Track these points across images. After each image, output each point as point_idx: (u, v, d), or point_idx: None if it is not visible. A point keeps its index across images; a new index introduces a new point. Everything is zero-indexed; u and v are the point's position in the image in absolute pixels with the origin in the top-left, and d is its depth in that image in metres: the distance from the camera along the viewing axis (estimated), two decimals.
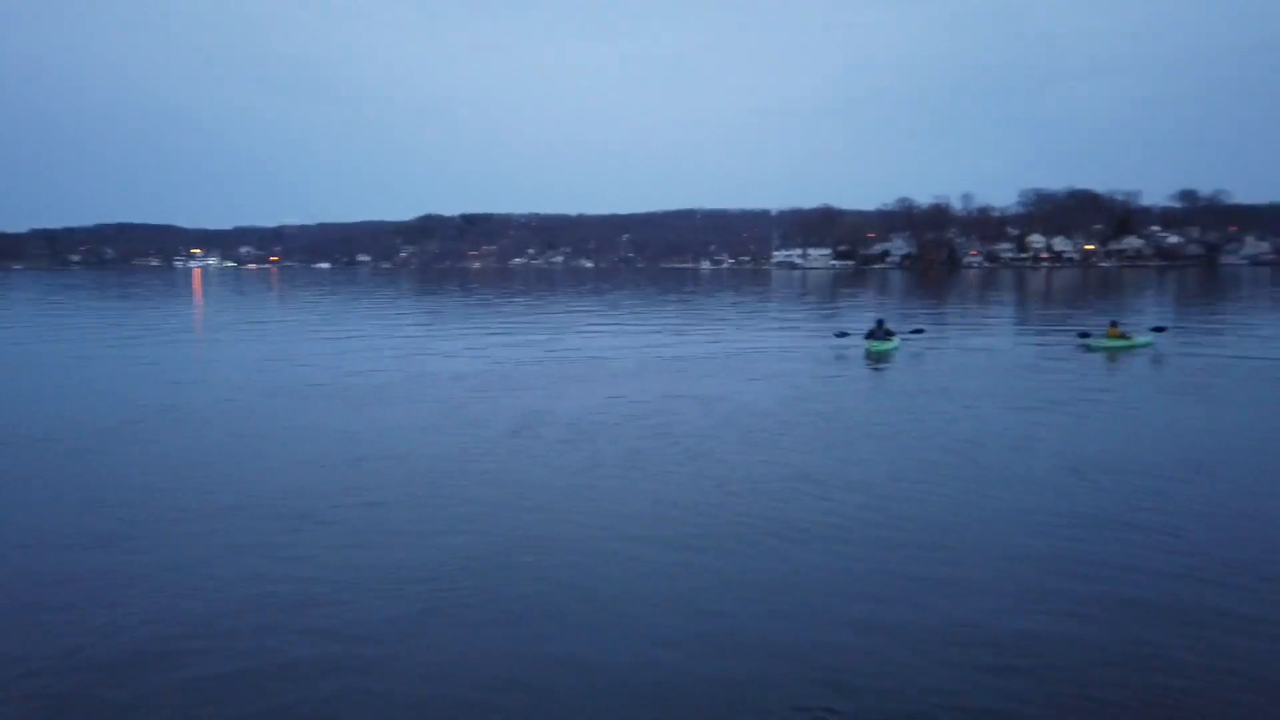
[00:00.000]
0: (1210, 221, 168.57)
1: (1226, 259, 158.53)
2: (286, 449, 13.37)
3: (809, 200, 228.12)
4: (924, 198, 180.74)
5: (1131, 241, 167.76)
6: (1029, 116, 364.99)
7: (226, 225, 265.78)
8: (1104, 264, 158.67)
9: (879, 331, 26.60)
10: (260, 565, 8.34)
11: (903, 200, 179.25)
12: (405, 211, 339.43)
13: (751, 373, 21.61)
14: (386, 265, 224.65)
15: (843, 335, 28.29)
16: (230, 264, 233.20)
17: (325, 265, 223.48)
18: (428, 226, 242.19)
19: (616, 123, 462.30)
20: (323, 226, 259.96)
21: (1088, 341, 27.20)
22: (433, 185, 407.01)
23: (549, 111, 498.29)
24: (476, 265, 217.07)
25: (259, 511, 9.98)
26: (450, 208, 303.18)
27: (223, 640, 6.81)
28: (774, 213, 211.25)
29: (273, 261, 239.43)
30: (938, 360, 24.66)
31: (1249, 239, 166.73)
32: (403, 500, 10.50)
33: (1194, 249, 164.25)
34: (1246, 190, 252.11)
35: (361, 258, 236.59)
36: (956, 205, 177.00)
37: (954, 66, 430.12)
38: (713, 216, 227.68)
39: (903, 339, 27.45)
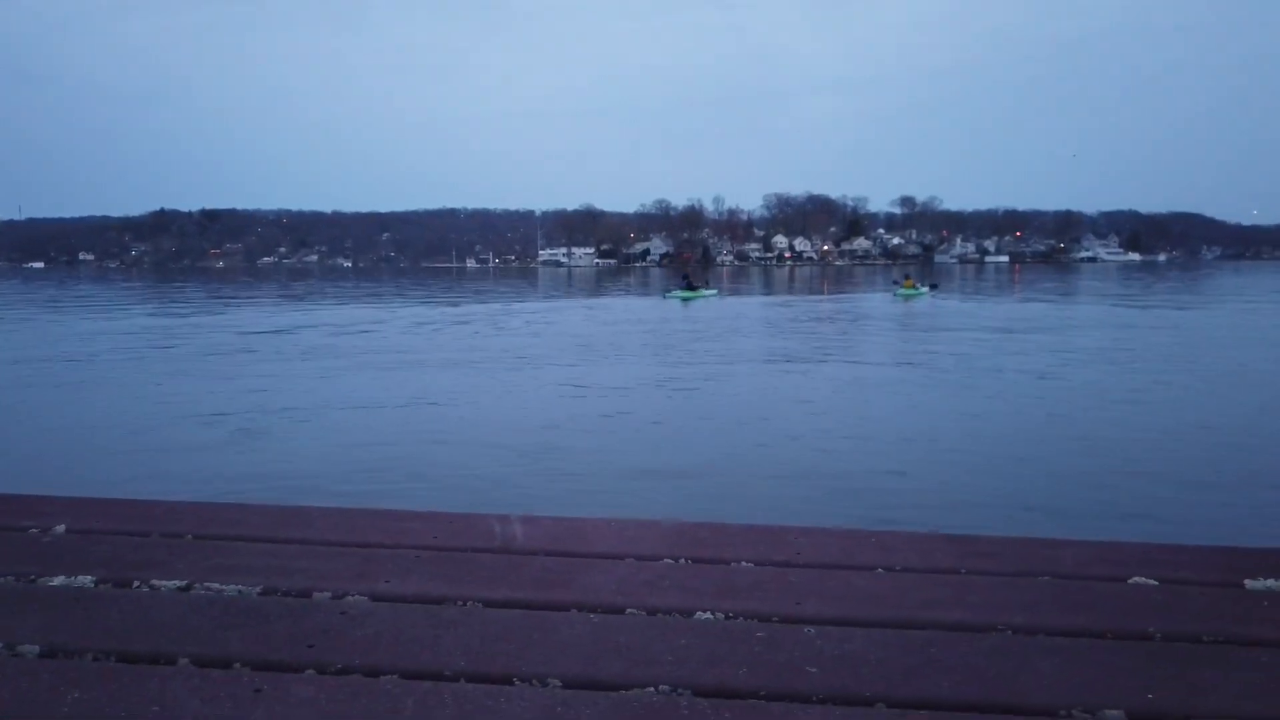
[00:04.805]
0: (925, 225, 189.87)
1: (940, 257, 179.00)
2: None
3: (572, 201, 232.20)
4: (679, 200, 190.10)
5: (861, 242, 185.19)
6: (769, 126, 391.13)
7: None
8: (839, 262, 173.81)
9: (684, 284, 39.03)
10: None
11: (660, 202, 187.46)
12: (136, 207, 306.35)
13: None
14: (114, 265, 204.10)
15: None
16: None
17: (39, 265, 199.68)
18: (162, 223, 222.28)
19: (372, 117, 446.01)
20: (33, 222, 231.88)
21: (895, 290, 40.99)
22: (167, 179, 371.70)
23: (297, 102, 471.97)
24: (220, 264, 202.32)
25: None
26: (188, 203, 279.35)
27: None
28: (538, 213, 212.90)
29: None
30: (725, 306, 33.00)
31: (958, 240, 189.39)
32: None
33: (913, 249, 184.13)
34: (954, 198, 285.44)
35: (84, 256, 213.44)
36: (709, 208, 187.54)
37: (698, 77, 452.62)
38: (476, 216, 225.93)
39: (712, 289, 41.71)
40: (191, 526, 2.12)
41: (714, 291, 40.68)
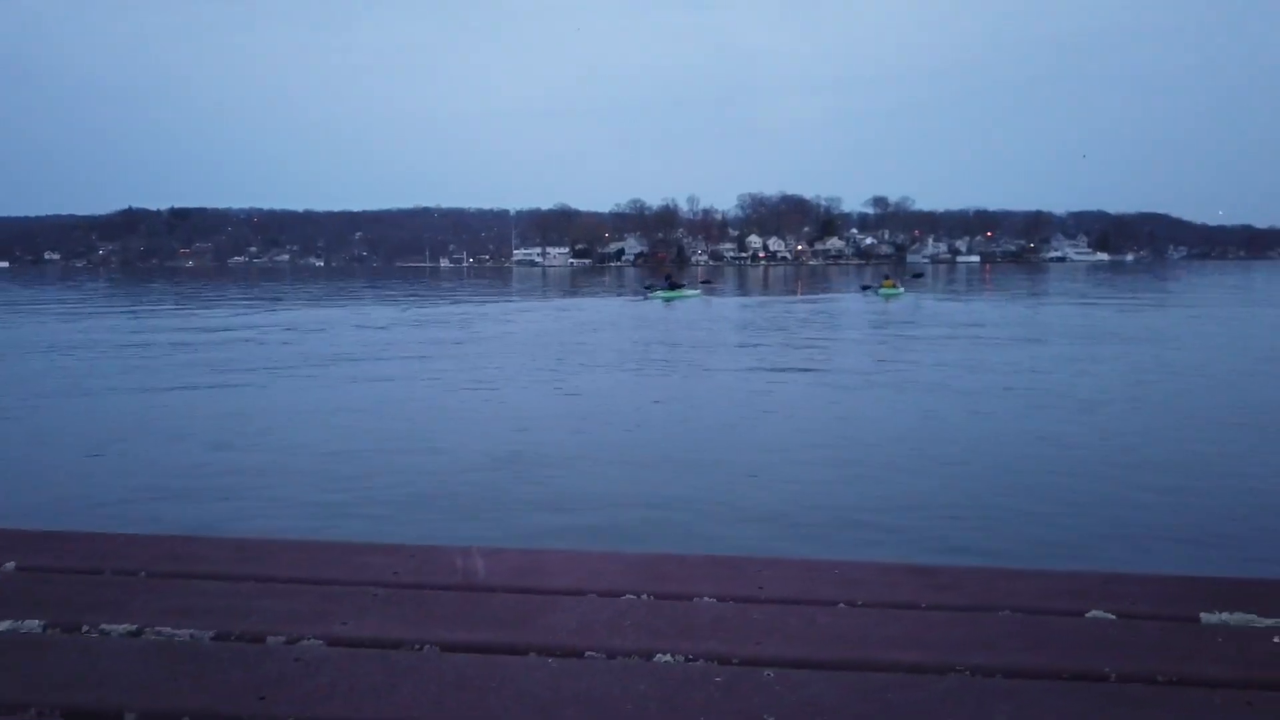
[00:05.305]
0: (898, 225, 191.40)
1: (912, 257, 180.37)
2: None
3: (547, 200, 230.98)
4: (654, 200, 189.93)
5: (835, 242, 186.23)
6: (743, 127, 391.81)
7: None
8: (812, 262, 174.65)
9: (666, 284, 39.27)
10: None
11: (635, 202, 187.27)
12: (103, 205, 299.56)
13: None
14: (80, 264, 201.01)
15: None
16: None
17: (3, 264, 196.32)
18: (130, 221, 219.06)
19: (347, 116, 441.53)
20: None
21: (872, 289, 42.21)
22: (135, 177, 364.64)
23: (269, 101, 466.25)
24: (190, 264, 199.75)
25: None
26: (157, 201, 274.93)
27: None
28: (513, 212, 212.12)
29: None
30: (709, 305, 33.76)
31: (930, 240, 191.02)
32: None
33: (886, 249, 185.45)
34: (926, 198, 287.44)
35: (50, 256, 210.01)
36: (683, 207, 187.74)
37: (674, 78, 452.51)
38: (450, 215, 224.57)
39: (700, 287, 42.43)
40: (145, 563, 2.05)
41: (697, 292, 40.14)
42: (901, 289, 42.64)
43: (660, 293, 37.90)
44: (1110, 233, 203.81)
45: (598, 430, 10.24)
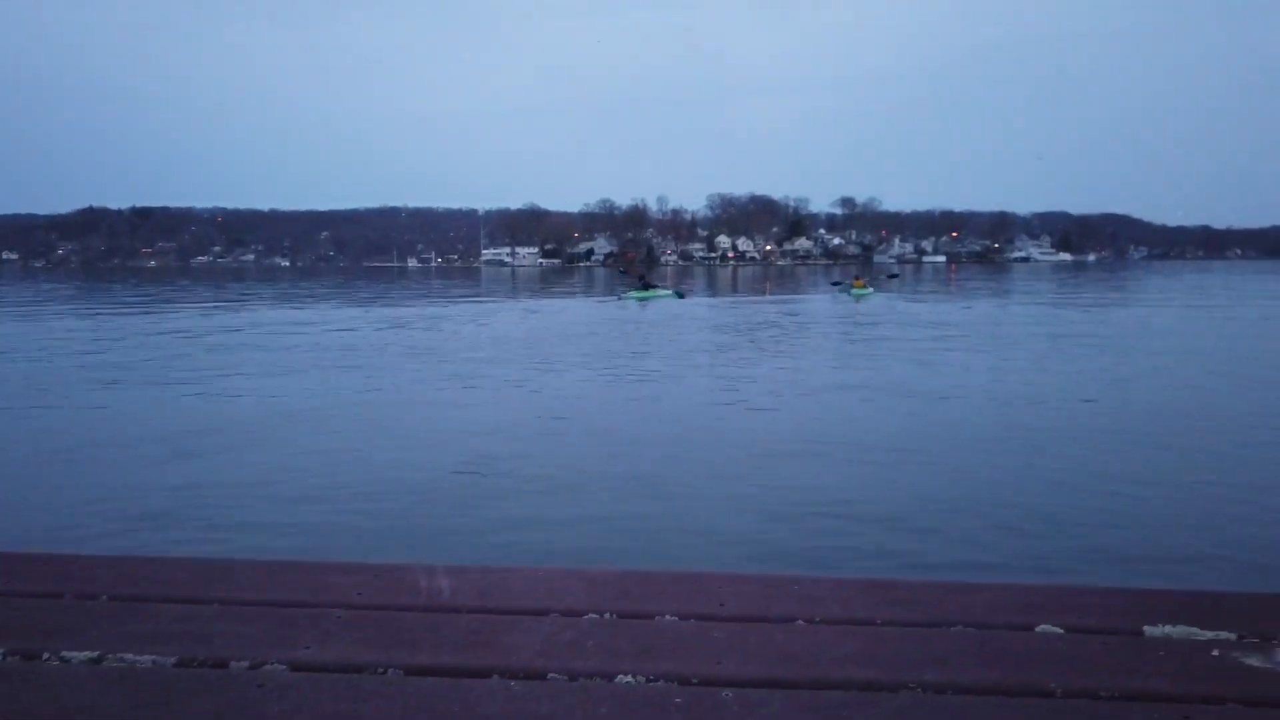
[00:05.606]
0: (865, 225, 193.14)
1: (879, 257, 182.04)
2: None
3: (515, 200, 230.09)
4: (624, 199, 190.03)
5: (803, 243, 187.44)
6: (712, 127, 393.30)
7: None
8: (781, 262, 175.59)
9: (640, 285, 39.55)
10: None
11: (604, 202, 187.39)
12: (63, 204, 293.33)
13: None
14: (39, 264, 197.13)
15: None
16: None
17: None
18: (91, 221, 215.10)
19: (311, 115, 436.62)
20: None
21: (843, 288, 42.54)
22: (96, 175, 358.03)
23: (235, 99, 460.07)
24: (152, 264, 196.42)
25: None
26: (118, 200, 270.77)
27: None
28: (481, 212, 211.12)
29: None
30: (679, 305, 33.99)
31: (896, 240, 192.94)
32: None
33: (853, 249, 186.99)
34: (892, 199, 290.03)
35: (8, 256, 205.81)
36: (653, 207, 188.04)
37: (643, 78, 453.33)
38: (418, 215, 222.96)
39: (674, 291, 40.85)
40: (107, 586, 2.02)
41: (669, 292, 39.89)
42: (871, 289, 43.11)
43: (633, 293, 37.95)
44: (1073, 233, 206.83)
45: (575, 431, 10.17)
